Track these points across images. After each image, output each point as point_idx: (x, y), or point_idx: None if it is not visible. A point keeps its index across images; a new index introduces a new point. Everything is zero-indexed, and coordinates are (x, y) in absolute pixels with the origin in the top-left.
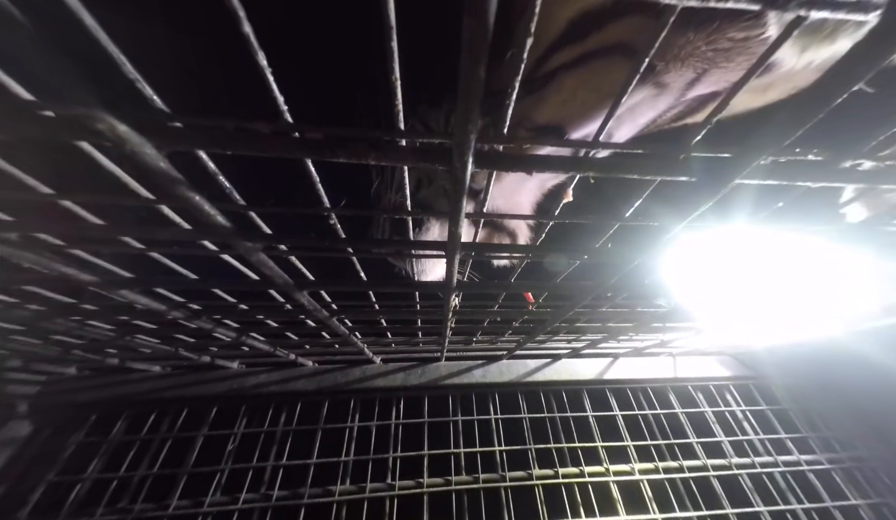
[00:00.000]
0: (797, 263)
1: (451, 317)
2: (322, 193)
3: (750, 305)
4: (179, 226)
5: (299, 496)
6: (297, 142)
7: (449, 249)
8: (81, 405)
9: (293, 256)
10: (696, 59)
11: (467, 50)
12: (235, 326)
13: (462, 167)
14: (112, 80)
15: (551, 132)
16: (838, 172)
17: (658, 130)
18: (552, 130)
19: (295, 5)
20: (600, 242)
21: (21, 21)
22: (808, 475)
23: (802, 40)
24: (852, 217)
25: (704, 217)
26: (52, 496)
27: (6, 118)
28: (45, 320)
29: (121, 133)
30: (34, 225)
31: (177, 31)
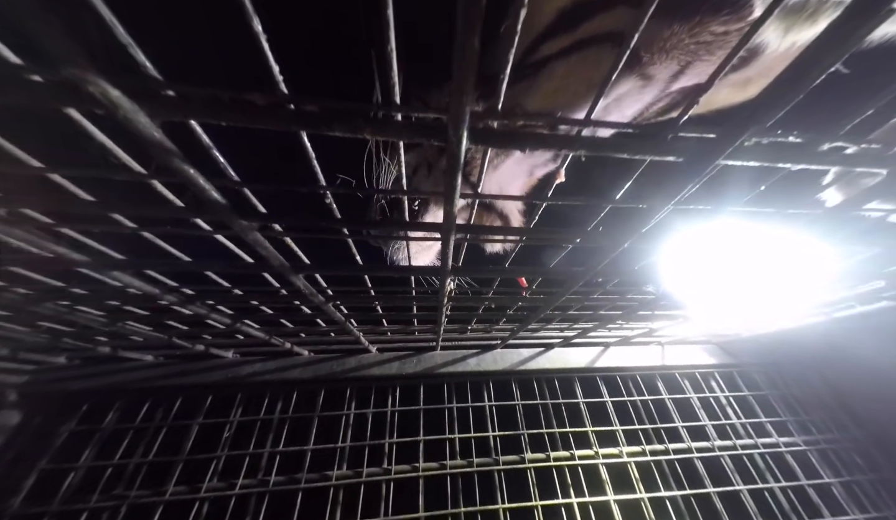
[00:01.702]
0: (777, 255)
1: (446, 303)
2: (318, 170)
3: (733, 295)
4: (172, 203)
5: (296, 481)
6: (293, 114)
7: (444, 230)
8: (72, 394)
9: (289, 237)
10: (680, 52)
11: (462, 18)
12: (229, 313)
13: (457, 141)
14: (105, 45)
15: (543, 120)
16: (817, 155)
17: (645, 122)
18: (544, 117)
19: None
20: (592, 225)
21: None
22: (785, 456)
23: (786, 20)
24: (830, 201)
25: (691, 199)
26: (46, 484)
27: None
28: (34, 304)
29: (113, 98)
30: (23, 200)
31: None
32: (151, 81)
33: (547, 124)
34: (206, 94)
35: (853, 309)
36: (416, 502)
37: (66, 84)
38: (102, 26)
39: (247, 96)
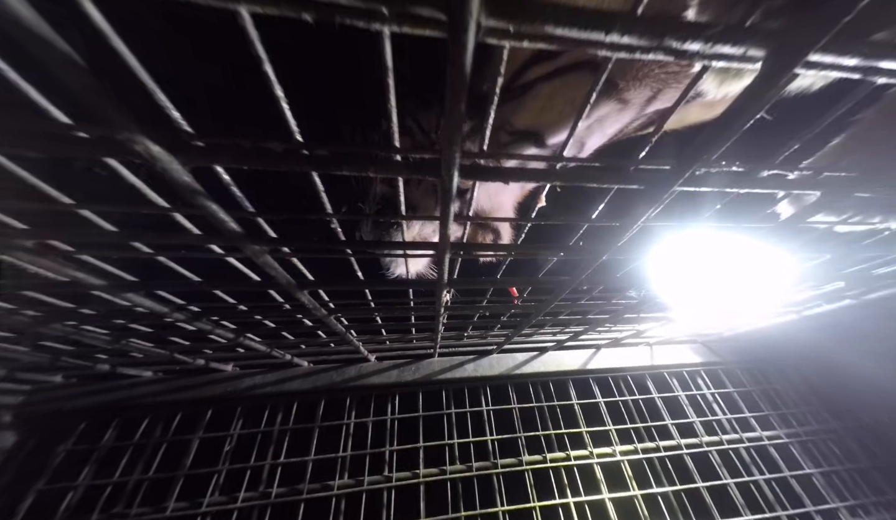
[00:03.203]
0: (746, 259)
1: (443, 312)
2: (326, 201)
3: (710, 297)
4: (190, 231)
5: (298, 492)
6: (307, 158)
7: (440, 250)
8: (69, 413)
9: (296, 257)
10: (651, 80)
11: (451, 91)
12: (233, 328)
13: (449, 179)
14: (144, 104)
15: (530, 137)
16: (759, 181)
17: (625, 137)
18: (530, 134)
19: (305, 48)
20: (573, 241)
21: (76, 61)
22: (769, 449)
23: (718, 77)
24: (783, 214)
25: (658, 217)
26: (43, 506)
27: (43, 140)
28: (42, 326)
29: (154, 152)
30: (50, 233)
31: (205, 67)
32: (184, 134)
33: (526, 159)
34: (230, 143)
35: (821, 307)
36: (417, 508)
37: (112, 141)
38: (146, 93)
39: (266, 144)
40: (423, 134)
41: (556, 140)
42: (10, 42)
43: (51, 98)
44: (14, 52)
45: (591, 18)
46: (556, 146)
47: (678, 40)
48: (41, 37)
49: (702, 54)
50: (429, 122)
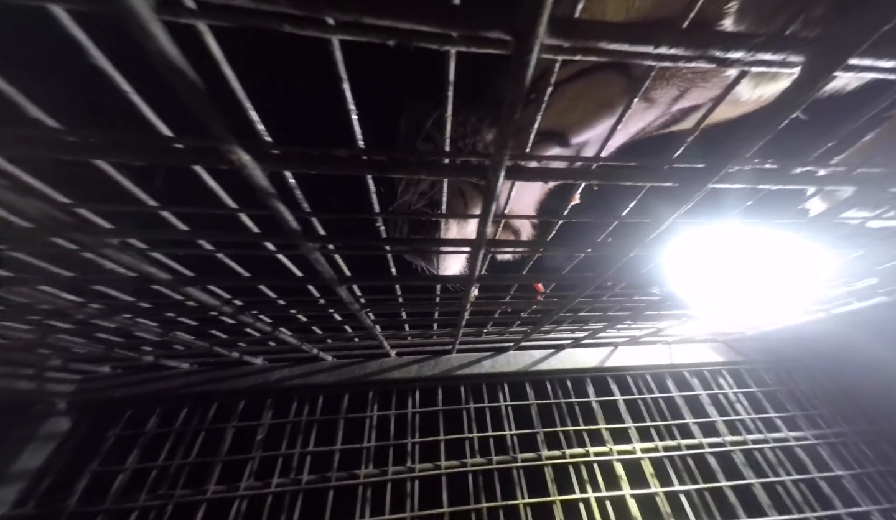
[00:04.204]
0: (776, 256)
1: (468, 308)
2: (375, 200)
3: (737, 294)
4: (250, 230)
5: (327, 480)
6: (367, 162)
7: (476, 246)
8: (116, 401)
9: (339, 254)
10: (678, 79)
11: (508, 102)
12: (269, 321)
13: (495, 180)
14: (237, 117)
15: (553, 137)
16: (791, 177)
17: (647, 136)
18: (554, 135)
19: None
20: (601, 237)
21: (199, 85)
22: (795, 450)
23: (753, 80)
24: (813, 210)
25: (688, 214)
26: (97, 485)
27: (145, 150)
28: (106, 318)
29: (245, 161)
30: (135, 232)
31: (283, 81)
32: (265, 144)
33: (566, 160)
34: (302, 151)
35: (851, 305)
36: (439, 498)
37: (209, 150)
38: (240, 108)
39: (334, 151)
40: (465, 139)
41: (579, 140)
42: (141, 68)
43: (159, 114)
44: (138, 76)
45: (642, 33)
46: (579, 146)
47: (722, 50)
48: (178, 68)
49: (742, 61)
50: (470, 127)
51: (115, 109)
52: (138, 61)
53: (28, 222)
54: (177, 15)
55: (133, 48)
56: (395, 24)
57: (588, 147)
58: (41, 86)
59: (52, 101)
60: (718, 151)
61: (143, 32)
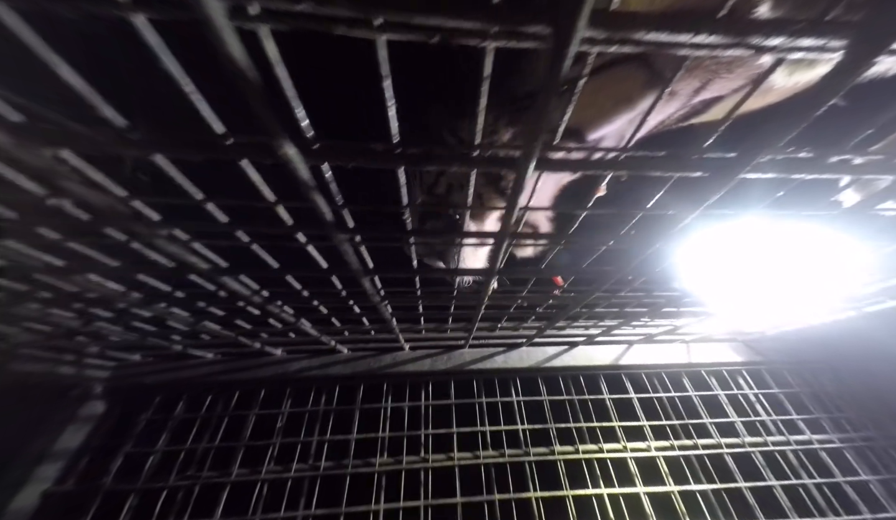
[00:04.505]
0: (803, 251)
1: (486, 301)
2: (404, 193)
3: (759, 292)
4: (285, 222)
5: (344, 467)
6: (401, 156)
7: (500, 236)
8: (147, 387)
9: (364, 245)
10: (701, 71)
11: (544, 93)
12: (292, 312)
13: (525, 170)
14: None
15: (570, 134)
16: (827, 166)
17: (665, 129)
18: (571, 132)
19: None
20: (625, 230)
21: (259, 84)
22: (819, 454)
23: (789, 68)
24: (846, 202)
25: (716, 205)
26: (130, 465)
27: (197, 147)
28: (145, 306)
29: (291, 155)
30: (180, 223)
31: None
32: (308, 140)
33: (590, 152)
34: (343, 145)
35: (884, 304)
36: (453, 489)
37: (258, 145)
38: (289, 106)
39: (371, 145)
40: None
41: (596, 136)
42: (206, 70)
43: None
44: (204, 77)
45: (680, 23)
46: (595, 142)
47: (761, 37)
48: (244, 69)
49: (781, 48)
50: (488, 127)
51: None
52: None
53: (90, 214)
54: (245, 21)
55: (199, 52)
56: (442, 22)
57: (604, 142)
58: (113, 86)
59: (120, 100)
60: (750, 139)
61: (217, 38)
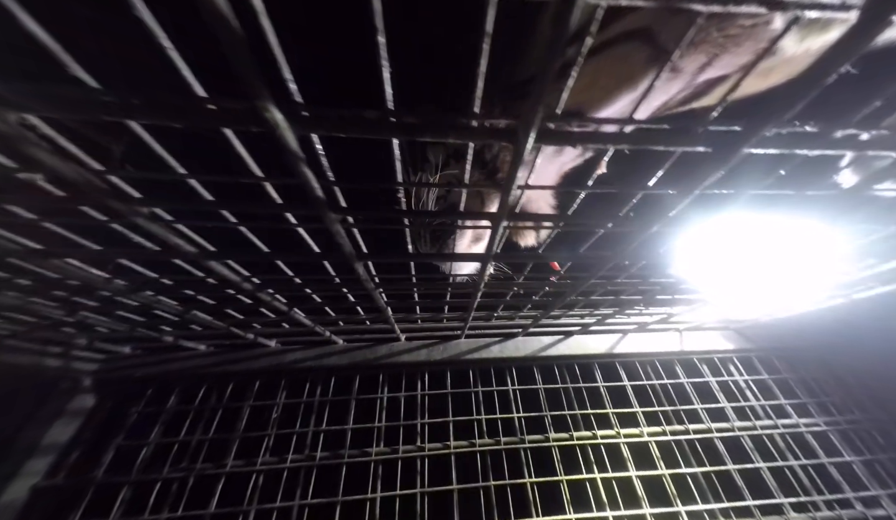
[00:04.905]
0: (794, 238)
1: (482, 288)
2: (398, 168)
3: (752, 278)
4: (274, 200)
5: (340, 456)
6: (396, 125)
7: (496, 218)
8: (138, 380)
9: (359, 227)
10: (708, 45)
11: (550, 50)
12: (284, 301)
13: (525, 141)
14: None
15: (573, 115)
16: (832, 141)
17: (667, 113)
18: (573, 114)
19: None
20: (624, 211)
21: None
22: (805, 436)
23: (801, 31)
24: (846, 182)
25: (717, 184)
26: (122, 458)
27: (176, 113)
28: (131, 294)
29: (279, 120)
30: (163, 201)
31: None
32: (297, 105)
33: (593, 124)
34: (333, 112)
35: (873, 290)
36: (449, 476)
37: (242, 111)
38: (276, 67)
39: (363, 113)
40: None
41: (599, 116)
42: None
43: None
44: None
45: None
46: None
47: None
48: (223, 14)
49: (798, 3)
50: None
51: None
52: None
53: (64, 190)
54: None
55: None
56: None
57: (606, 124)
58: (83, 43)
59: (92, 60)
60: (757, 111)
61: None
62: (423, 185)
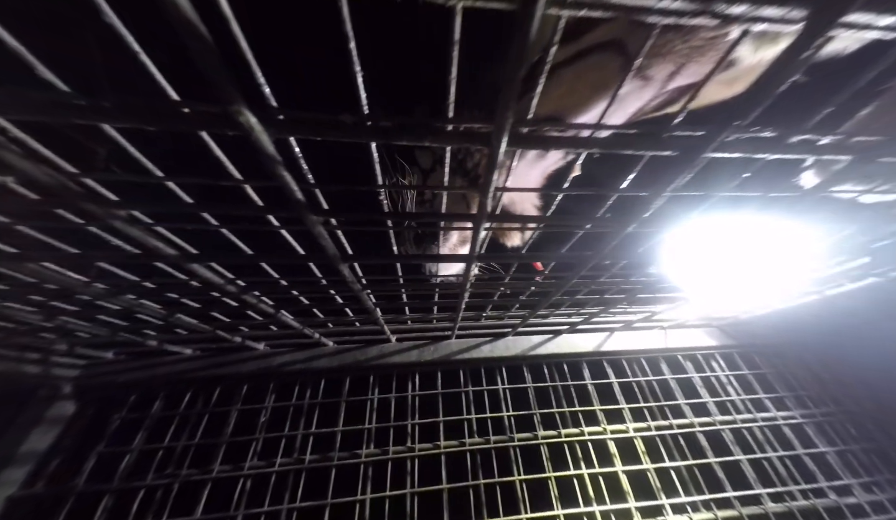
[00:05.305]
0: (766, 238)
1: (468, 288)
2: (378, 171)
3: (729, 277)
4: (254, 203)
5: (329, 459)
6: (372, 129)
7: (477, 219)
8: (121, 386)
9: (341, 229)
10: (674, 55)
11: (513, 59)
12: (271, 303)
13: (498, 146)
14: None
15: (552, 120)
16: (789, 146)
17: (643, 118)
18: (553, 121)
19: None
20: (601, 212)
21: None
22: (783, 429)
23: (755, 43)
24: (806, 184)
25: (686, 187)
26: (104, 466)
27: (150, 116)
28: (112, 298)
29: (252, 123)
30: (139, 205)
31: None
32: (273, 109)
33: (564, 129)
34: (309, 116)
35: (843, 286)
36: (439, 476)
37: (216, 114)
38: (249, 71)
39: (340, 117)
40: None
41: (577, 122)
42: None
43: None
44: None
45: None
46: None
47: (725, 3)
48: (190, 20)
49: (744, 17)
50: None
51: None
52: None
53: (38, 193)
54: None
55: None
56: None
57: (584, 131)
58: (54, 47)
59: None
60: (716, 117)
61: None
62: (401, 187)
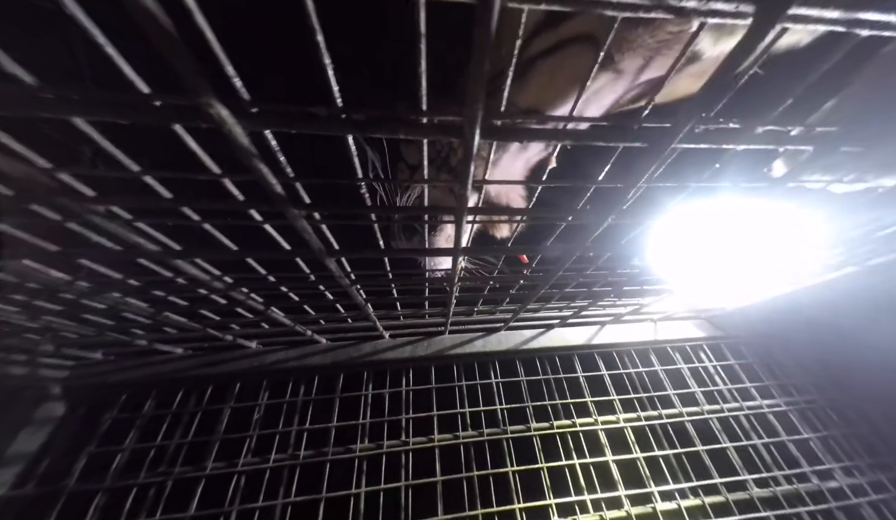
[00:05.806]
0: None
1: (456, 282)
2: (357, 165)
3: (712, 267)
4: (235, 197)
5: (324, 454)
6: (346, 121)
7: (458, 212)
8: (111, 386)
9: (326, 223)
10: (644, 49)
11: (476, 51)
12: (261, 300)
13: (471, 137)
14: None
15: (533, 114)
16: (754, 137)
17: (620, 110)
18: (533, 112)
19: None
20: (580, 205)
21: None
22: (768, 416)
23: (714, 35)
24: (776, 173)
25: (660, 179)
26: (95, 465)
27: (126, 108)
28: (96, 296)
29: (224, 116)
30: (117, 199)
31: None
32: (245, 102)
33: (538, 121)
34: (283, 109)
35: (824, 276)
36: (433, 469)
37: (187, 107)
38: (217, 64)
39: (312, 110)
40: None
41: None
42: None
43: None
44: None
45: None
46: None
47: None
48: (151, 11)
49: (697, 11)
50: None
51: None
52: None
53: (9, 188)
54: None
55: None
56: None
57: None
58: (19, 41)
59: (31, 57)
60: (682, 109)
61: None
62: (380, 180)
